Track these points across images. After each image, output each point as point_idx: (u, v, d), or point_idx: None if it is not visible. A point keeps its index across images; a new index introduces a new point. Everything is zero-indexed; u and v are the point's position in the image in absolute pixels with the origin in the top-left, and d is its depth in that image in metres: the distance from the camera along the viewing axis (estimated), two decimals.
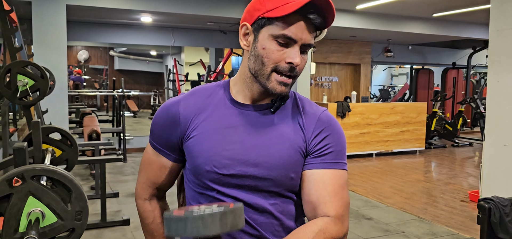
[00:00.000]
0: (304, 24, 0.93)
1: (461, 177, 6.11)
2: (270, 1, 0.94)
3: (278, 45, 0.94)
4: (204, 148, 1.00)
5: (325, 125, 1.04)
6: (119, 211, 4.17)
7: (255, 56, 0.97)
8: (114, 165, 6.32)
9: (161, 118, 1.06)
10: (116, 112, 8.32)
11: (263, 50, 0.95)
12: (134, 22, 7.53)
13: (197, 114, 1.03)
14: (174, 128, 1.04)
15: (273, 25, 0.93)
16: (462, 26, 8.16)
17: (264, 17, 0.94)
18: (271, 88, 0.97)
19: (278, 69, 0.95)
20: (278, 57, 0.94)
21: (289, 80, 0.96)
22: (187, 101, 1.05)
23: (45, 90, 3.14)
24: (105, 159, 3.85)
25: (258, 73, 0.97)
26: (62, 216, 1.45)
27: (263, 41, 0.95)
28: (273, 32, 0.93)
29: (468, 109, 10.63)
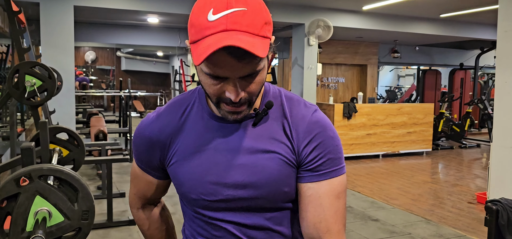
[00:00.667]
0: (229, 59, 0.78)
1: (468, 178, 6.07)
2: (194, 27, 0.81)
3: (213, 80, 0.82)
4: (186, 175, 0.94)
5: (315, 131, 0.92)
6: (125, 211, 4.18)
7: (202, 84, 0.88)
8: (121, 165, 6.35)
9: (139, 142, 1.00)
10: (123, 113, 8.36)
11: (203, 84, 0.86)
12: (141, 23, 7.57)
13: (174, 135, 0.95)
14: (153, 151, 0.98)
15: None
16: (470, 26, 8.11)
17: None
18: (224, 117, 0.89)
19: (223, 101, 0.85)
20: (217, 91, 0.84)
21: (240, 108, 0.86)
22: (161, 121, 0.97)
23: (53, 90, 3.16)
24: (112, 159, 3.86)
25: (210, 100, 0.89)
26: (69, 215, 1.46)
27: (199, 73, 0.86)
28: (202, 68, 0.82)
29: (475, 111, 10.56)
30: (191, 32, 0.81)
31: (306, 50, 6.73)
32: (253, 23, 0.80)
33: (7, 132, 5.82)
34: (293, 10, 6.59)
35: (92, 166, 6.18)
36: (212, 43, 0.76)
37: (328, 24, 6.36)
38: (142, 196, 1.10)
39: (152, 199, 1.11)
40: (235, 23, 0.78)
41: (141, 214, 1.13)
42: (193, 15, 0.81)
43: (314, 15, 6.56)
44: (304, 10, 6.62)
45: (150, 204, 1.13)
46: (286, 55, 8.97)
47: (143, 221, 1.14)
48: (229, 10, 0.78)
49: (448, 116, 9.07)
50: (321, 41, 6.61)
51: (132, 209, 1.15)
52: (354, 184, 5.45)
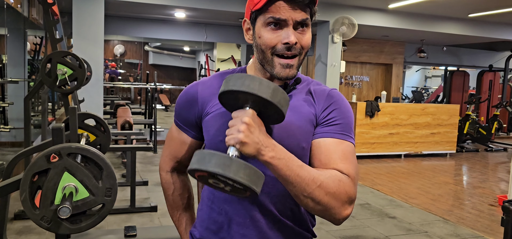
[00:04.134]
0: (287, 5, 0.98)
1: (492, 181, 5.97)
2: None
3: (271, 30, 1.00)
4: (220, 121, 1.06)
5: (333, 100, 1.07)
6: (147, 198, 4.33)
7: (256, 47, 1.04)
8: (145, 156, 6.54)
9: (182, 99, 1.16)
10: (149, 105, 8.57)
11: (259, 39, 1.01)
12: (168, 18, 7.74)
13: (214, 95, 1.09)
14: (193, 107, 1.13)
15: (262, 15, 1.00)
16: (500, 27, 7.93)
17: (254, 10, 1.02)
18: (276, 74, 1.02)
19: (277, 52, 1.00)
20: (273, 41, 1.00)
21: (292, 60, 1.01)
22: (205, 84, 1.14)
23: (83, 79, 3.32)
24: (136, 147, 4.01)
25: (263, 61, 1.03)
26: (93, 191, 1.58)
27: (258, 31, 1.02)
28: (264, 20, 1.00)
29: (504, 114, 10.32)
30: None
31: (330, 48, 6.75)
32: None
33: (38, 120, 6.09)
34: (317, 7, 6.61)
35: (118, 155, 6.38)
36: None
37: (353, 22, 6.36)
38: (173, 157, 1.21)
39: (182, 162, 1.21)
40: None
41: (168, 177, 1.24)
42: None
43: (338, 12, 6.57)
44: (328, 7, 6.64)
45: (179, 170, 1.24)
46: (310, 52, 8.99)
47: (169, 185, 1.24)
48: None
49: (475, 119, 8.90)
50: (346, 39, 6.61)
51: (161, 172, 1.25)
52: (373, 182, 5.46)
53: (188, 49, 15.85)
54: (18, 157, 2.37)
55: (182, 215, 1.25)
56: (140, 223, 3.64)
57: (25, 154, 2.44)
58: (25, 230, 3.33)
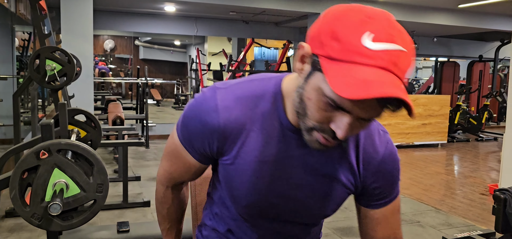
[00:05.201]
0: (373, 103, 0.69)
1: (483, 170, 6.03)
2: (339, 43, 0.68)
3: (327, 105, 0.71)
4: (244, 182, 0.88)
5: (387, 168, 0.90)
6: (140, 193, 4.31)
7: (299, 97, 0.76)
8: (137, 151, 6.50)
9: (196, 127, 0.87)
10: (140, 100, 8.52)
11: (308, 101, 0.74)
12: (158, 12, 7.68)
13: (239, 133, 0.84)
14: (211, 141, 0.87)
15: (324, 77, 0.70)
16: (490, 17, 7.98)
17: (320, 61, 0.71)
18: (308, 142, 0.79)
19: (319, 130, 0.76)
20: (322, 119, 0.74)
21: (332, 142, 0.77)
22: (229, 113, 0.84)
23: (72, 75, 3.28)
24: (128, 142, 3.98)
25: (299, 116, 0.78)
26: (84, 188, 1.56)
27: (311, 91, 0.73)
28: (325, 89, 0.70)
29: (494, 104, 10.41)
30: (332, 45, 0.68)
31: None
32: (409, 70, 0.70)
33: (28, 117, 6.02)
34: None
35: (110, 151, 6.34)
36: (373, 82, 0.64)
37: None
38: (175, 176, 1.01)
39: (184, 181, 1.05)
40: (395, 65, 0.67)
41: (168, 193, 1.06)
42: (341, 27, 0.68)
43: (329, 4, 6.55)
44: (320, 0, 6.63)
45: (178, 186, 1.07)
46: None
47: (167, 200, 1.07)
48: (392, 45, 0.67)
49: (465, 109, 8.97)
50: None
51: (159, 185, 1.07)
52: None
53: (179, 44, 15.77)
54: (8, 154, 2.34)
55: (173, 227, 1.12)
56: (133, 219, 3.62)
57: (15, 151, 2.40)
58: (17, 228, 3.30)
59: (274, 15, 7.61)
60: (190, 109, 0.89)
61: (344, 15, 0.69)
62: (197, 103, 0.87)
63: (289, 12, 6.96)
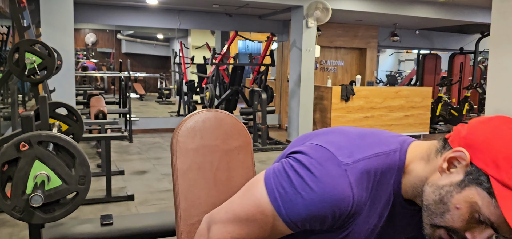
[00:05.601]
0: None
1: None
2: (507, 163, 0.67)
3: (471, 217, 0.71)
4: None
5: None
6: (124, 187, 4.28)
7: (440, 198, 0.74)
8: (120, 145, 6.44)
9: (323, 209, 0.76)
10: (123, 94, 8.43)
11: (455, 209, 0.72)
12: (140, 4, 7.59)
13: (362, 209, 0.79)
14: (330, 222, 0.78)
15: (489, 198, 0.68)
16: (470, 10, 8.11)
17: (490, 184, 0.68)
18: (426, 234, 0.78)
19: (449, 231, 0.74)
20: (461, 227, 0.72)
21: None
22: (360, 195, 0.77)
23: (52, 68, 3.23)
24: (111, 136, 3.95)
25: (428, 211, 0.76)
26: (66, 180, 1.54)
27: (463, 202, 0.71)
28: (482, 207, 0.69)
29: (474, 95, 10.60)
30: (509, 172, 0.67)
31: (305, 33, 6.76)
32: None
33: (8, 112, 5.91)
34: None
35: (92, 145, 6.27)
36: None
37: (327, 6, 6.38)
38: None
39: None
40: None
41: None
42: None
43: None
44: None
45: None
46: (285, 38, 8.99)
47: None
48: None
49: (447, 100, 9.11)
50: (320, 23, 6.64)
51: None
52: None
53: (162, 37, 15.63)
54: None
55: None
56: (117, 212, 3.59)
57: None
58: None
59: (258, 8, 7.60)
60: (312, 189, 0.75)
61: None
62: (323, 184, 0.75)
63: (272, 5, 6.96)
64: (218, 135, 1.22)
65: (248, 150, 1.28)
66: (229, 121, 1.25)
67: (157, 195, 4.09)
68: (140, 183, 4.50)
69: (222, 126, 1.24)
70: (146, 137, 7.32)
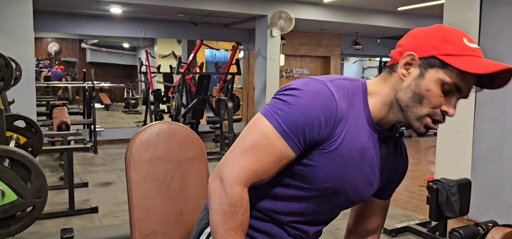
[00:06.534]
0: (474, 79, 0.91)
1: (423, 164, 6.38)
2: (452, 44, 0.89)
3: (441, 91, 0.91)
4: (337, 167, 0.97)
5: (405, 169, 1.16)
6: (87, 200, 4.22)
7: (413, 92, 0.92)
8: (84, 157, 6.33)
9: (318, 108, 0.92)
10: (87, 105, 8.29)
11: (426, 92, 0.91)
12: (104, 13, 7.51)
13: (345, 122, 0.95)
14: (327, 126, 0.93)
15: (446, 70, 0.89)
16: (426, 19, 8.44)
17: (440, 59, 0.90)
18: (417, 128, 0.95)
19: (432, 115, 0.93)
20: (437, 103, 0.91)
21: (435, 126, 0.95)
22: (341, 102, 0.95)
23: (10, 79, 3.17)
24: (73, 147, 3.89)
25: (409, 109, 0.94)
26: (22, 194, 1.54)
27: (429, 83, 0.91)
28: (444, 78, 0.89)
29: None
30: (446, 46, 0.90)
31: (269, 42, 6.87)
32: None
33: None
34: (256, 2, 6.71)
35: (56, 157, 6.14)
36: (490, 63, 0.87)
37: (290, 16, 6.51)
38: (259, 174, 0.94)
39: (265, 179, 0.97)
40: (481, 56, 0.91)
41: (245, 193, 0.94)
42: (449, 34, 0.91)
43: (276, 6, 6.70)
44: (266, 2, 6.75)
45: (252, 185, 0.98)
46: (251, 46, 9.09)
47: (244, 203, 0.95)
48: (475, 45, 0.92)
49: None
50: (284, 32, 6.76)
51: (235, 186, 0.93)
52: None
53: (128, 46, 15.44)
54: None
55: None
56: (80, 226, 3.54)
57: None
58: None
59: (223, 17, 7.66)
60: (306, 98, 0.92)
61: (445, 28, 0.93)
62: (311, 93, 0.92)
63: (237, 14, 7.03)
64: (171, 146, 1.27)
65: (202, 160, 1.32)
66: (182, 132, 1.30)
67: (122, 207, 4.05)
68: (104, 195, 4.45)
69: (176, 137, 1.28)
70: (111, 148, 7.22)
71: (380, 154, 1.04)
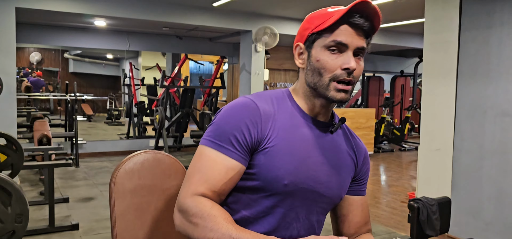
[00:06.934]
0: (351, 29, 0.99)
1: (404, 179, 6.47)
2: (317, 18, 1.03)
3: (331, 54, 1.00)
4: (287, 160, 1.01)
5: (367, 159, 1.20)
6: (68, 216, 4.16)
7: (312, 70, 1.03)
8: (66, 170, 6.24)
9: (240, 114, 1.00)
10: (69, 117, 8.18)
11: (318, 63, 1.01)
12: (88, 26, 7.46)
13: (273, 118, 1.03)
14: (254, 126, 1.00)
15: (323, 37, 1.01)
16: (408, 36, 8.61)
17: (313, 32, 1.02)
18: (331, 97, 1.02)
19: (335, 78, 1.01)
20: (333, 65, 1.00)
21: (348, 87, 1.02)
22: (261, 104, 1.03)
23: None
24: (54, 164, 3.84)
25: (317, 85, 1.03)
26: (2, 219, 1.52)
27: (317, 54, 1.02)
28: (324, 43, 1.01)
29: (415, 115, 11.19)
30: (314, 22, 1.02)
31: (254, 57, 6.91)
32: None
33: None
34: (240, 17, 6.75)
35: (36, 171, 6.03)
36: (342, 10, 0.98)
37: (274, 32, 6.57)
38: (210, 187, 0.98)
39: (221, 195, 1.01)
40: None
41: (199, 198, 0.97)
42: (314, 14, 1.04)
43: (260, 22, 6.76)
44: (251, 18, 6.80)
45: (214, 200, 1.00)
46: (236, 60, 9.13)
47: (202, 204, 0.95)
48: (341, 7, 1.01)
49: (389, 121, 9.56)
50: (268, 48, 6.81)
51: (187, 200, 0.96)
52: None
53: (112, 57, 15.33)
54: None
55: (235, 225, 0.94)
56: None
57: None
58: None
59: (208, 31, 7.69)
60: (227, 111, 1.03)
61: (313, 12, 1.07)
62: (231, 105, 1.04)
63: (222, 29, 7.07)
64: (156, 175, 1.27)
65: None
66: (167, 161, 1.30)
67: (104, 223, 4.00)
68: (86, 210, 4.39)
69: (160, 166, 1.28)
70: (94, 161, 7.14)
71: (329, 142, 1.09)
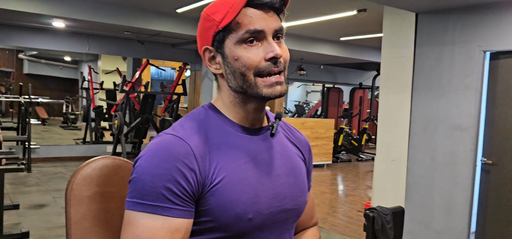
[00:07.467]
0: (261, 12, 0.84)
1: (361, 189, 6.64)
2: (217, 12, 0.86)
3: (249, 47, 0.84)
4: (241, 190, 0.85)
5: (310, 149, 1.07)
6: (18, 223, 3.99)
7: (233, 73, 0.86)
8: (17, 175, 5.98)
9: (168, 159, 0.80)
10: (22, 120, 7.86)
11: (236, 62, 0.85)
12: (45, 27, 7.22)
13: (209, 150, 0.85)
14: (189, 169, 0.81)
15: (232, 32, 0.85)
16: (366, 50, 8.89)
17: (219, 30, 0.85)
18: (266, 95, 0.86)
19: (260, 73, 0.85)
20: (255, 59, 0.84)
21: (280, 77, 0.86)
22: (191, 140, 0.84)
23: None
24: (4, 169, 3.68)
25: (245, 87, 0.86)
26: None
27: (231, 53, 0.85)
28: (237, 37, 0.84)
29: (372, 126, 11.54)
30: (214, 17, 0.86)
31: None
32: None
33: None
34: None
35: None
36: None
37: None
38: None
39: None
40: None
41: None
42: (209, 11, 0.87)
43: None
44: None
45: None
46: (198, 67, 9.09)
47: None
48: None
49: (348, 132, 9.81)
50: None
51: None
52: None
53: (70, 59, 14.88)
54: None
55: None
56: None
57: None
58: None
59: (170, 37, 7.63)
60: (148, 160, 0.81)
61: (206, 9, 0.90)
62: (153, 150, 0.82)
63: (184, 36, 7.03)
64: (115, 182, 1.25)
65: None
66: (127, 168, 1.28)
67: (56, 232, 3.87)
68: (37, 218, 4.22)
69: (120, 173, 1.26)
70: (47, 166, 6.88)
71: (276, 149, 0.94)
